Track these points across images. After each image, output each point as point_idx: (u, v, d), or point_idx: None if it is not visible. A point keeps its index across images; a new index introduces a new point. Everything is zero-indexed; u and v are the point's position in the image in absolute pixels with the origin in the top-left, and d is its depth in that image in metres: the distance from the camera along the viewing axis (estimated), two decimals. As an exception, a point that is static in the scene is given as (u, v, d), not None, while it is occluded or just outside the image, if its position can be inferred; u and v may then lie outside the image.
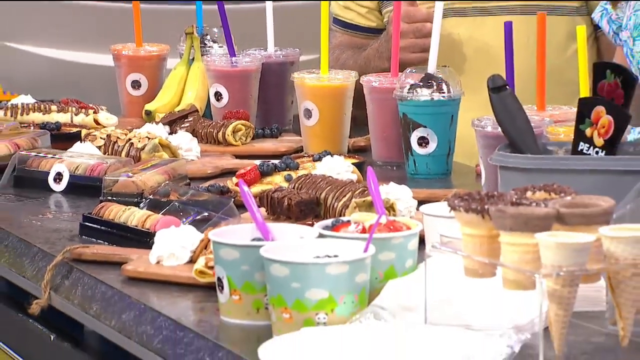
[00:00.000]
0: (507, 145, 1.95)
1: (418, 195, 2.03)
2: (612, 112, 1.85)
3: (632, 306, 1.50)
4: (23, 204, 2.23)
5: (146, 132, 2.44)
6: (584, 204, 1.53)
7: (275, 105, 2.71)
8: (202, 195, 2.06)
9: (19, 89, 2.84)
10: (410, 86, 2.38)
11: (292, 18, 2.76)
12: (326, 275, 1.57)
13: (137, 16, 2.79)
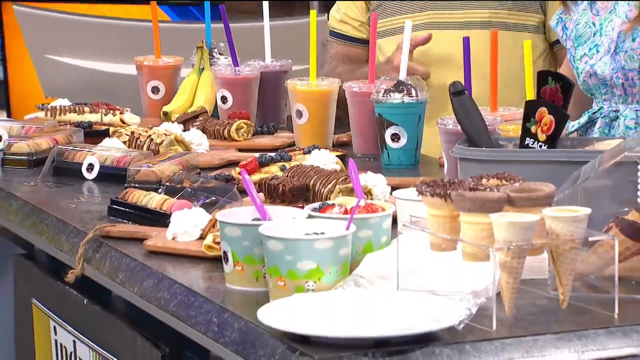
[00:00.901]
0: (465, 141, 1.95)
1: (391, 182, 2.03)
2: (553, 112, 1.86)
3: (570, 274, 1.50)
4: (60, 190, 2.23)
5: (164, 130, 2.43)
6: (530, 189, 1.53)
7: (272, 107, 2.71)
8: (210, 183, 2.06)
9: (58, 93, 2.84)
10: (385, 91, 2.37)
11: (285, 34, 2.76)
12: (314, 249, 1.57)
13: (156, 33, 2.78)
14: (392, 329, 1.42)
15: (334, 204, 1.75)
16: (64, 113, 2.61)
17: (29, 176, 2.32)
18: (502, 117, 2.10)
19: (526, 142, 1.89)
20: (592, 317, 1.51)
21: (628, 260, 1.55)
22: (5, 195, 2.22)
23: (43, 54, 3.14)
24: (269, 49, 2.68)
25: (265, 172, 2.15)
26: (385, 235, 1.71)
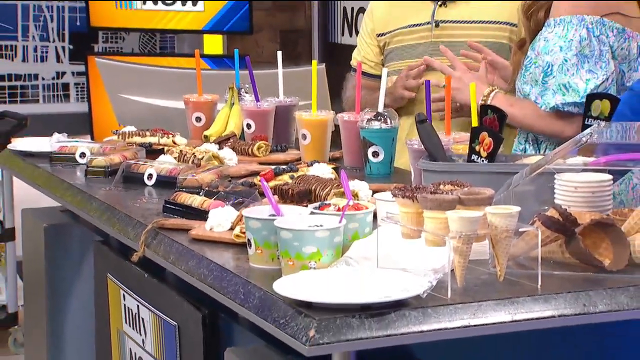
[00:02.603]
0: (427, 156, 1.92)
1: (372, 187, 1.99)
2: (492, 136, 1.83)
3: (505, 256, 1.48)
4: (128, 193, 2.19)
5: (204, 149, 2.40)
6: (476, 193, 1.50)
7: (284, 131, 2.67)
8: (238, 188, 2.02)
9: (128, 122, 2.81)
10: (367, 120, 2.34)
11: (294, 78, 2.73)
12: (315, 237, 1.54)
13: (199, 77, 2.76)
14: (373, 297, 1.40)
15: (330, 204, 1.72)
16: (131, 136, 2.58)
17: (105, 183, 2.28)
18: (454, 139, 2.07)
19: (472, 157, 1.86)
20: (521, 287, 1.48)
21: (547, 245, 1.53)
22: (88, 197, 2.19)
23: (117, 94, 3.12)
24: (281, 89, 2.64)
25: (279, 180, 2.12)
26: (368, 227, 1.68)
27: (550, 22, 2.17)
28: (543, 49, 2.15)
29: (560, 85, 2.12)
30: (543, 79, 2.15)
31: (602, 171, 1.52)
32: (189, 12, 4.65)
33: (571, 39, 2.12)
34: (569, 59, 2.11)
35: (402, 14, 2.74)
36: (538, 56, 2.17)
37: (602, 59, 2.11)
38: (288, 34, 5.24)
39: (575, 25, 2.12)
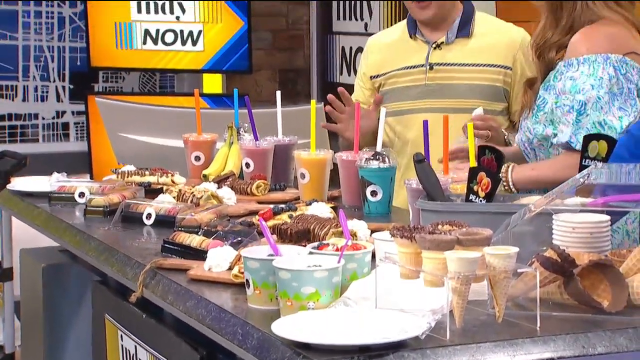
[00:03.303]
0: (425, 196, 1.92)
1: (371, 226, 1.99)
2: (489, 176, 1.83)
3: (504, 297, 1.47)
4: (127, 232, 2.19)
5: (203, 188, 2.40)
6: (474, 233, 1.50)
7: (283, 170, 2.67)
8: (237, 227, 2.02)
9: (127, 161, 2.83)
10: (366, 159, 2.35)
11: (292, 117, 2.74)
12: (314, 278, 1.54)
13: (198, 116, 2.77)
14: (372, 338, 1.39)
15: (329, 244, 1.72)
16: (130, 175, 2.59)
17: (104, 222, 2.28)
18: (452, 179, 2.08)
19: (470, 197, 1.86)
20: (520, 329, 1.47)
21: (546, 286, 1.52)
22: (87, 237, 2.19)
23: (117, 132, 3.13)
24: (280, 128, 2.65)
25: (277, 219, 2.12)
26: (367, 267, 1.68)
27: (572, 61, 2.15)
28: (572, 88, 2.12)
29: (596, 124, 2.09)
30: (577, 117, 2.11)
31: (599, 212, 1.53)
32: (189, 52, 4.68)
33: (601, 77, 2.10)
34: (602, 97, 2.09)
35: (397, 56, 2.76)
36: (563, 96, 2.14)
37: (631, 96, 2.10)
38: (287, 73, 5.27)
39: (602, 63, 2.11)
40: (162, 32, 4.64)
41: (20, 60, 4.97)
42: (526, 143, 2.25)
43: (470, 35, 2.71)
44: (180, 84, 5.17)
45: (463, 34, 2.71)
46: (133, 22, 4.63)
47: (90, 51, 4.64)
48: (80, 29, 5.00)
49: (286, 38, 5.26)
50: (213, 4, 4.64)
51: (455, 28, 2.71)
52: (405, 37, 2.77)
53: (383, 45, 2.81)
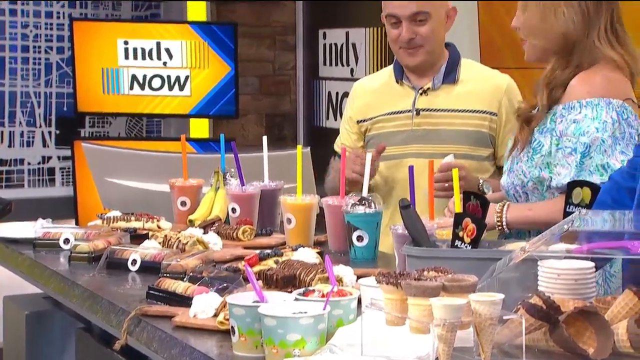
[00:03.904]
0: (411, 242, 1.92)
1: (357, 272, 1.99)
2: (475, 222, 1.83)
3: (490, 344, 1.46)
4: (112, 279, 2.18)
5: (189, 233, 2.40)
6: (459, 280, 1.50)
7: (269, 215, 2.68)
8: (222, 273, 2.02)
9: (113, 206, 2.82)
10: (352, 204, 2.35)
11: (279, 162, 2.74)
12: (299, 324, 1.53)
13: (184, 161, 2.77)
14: (357, 387, 1.38)
15: (315, 290, 1.72)
16: (116, 221, 2.58)
17: (88, 269, 2.27)
18: (438, 225, 2.08)
19: (456, 243, 1.87)
20: (506, 376, 1.47)
21: (532, 333, 1.52)
22: (71, 284, 2.18)
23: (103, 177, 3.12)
24: (267, 173, 2.66)
25: (263, 265, 2.12)
26: (353, 314, 1.68)
27: (573, 104, 2.17)
28: (576, 131, 2.14)
29: (598, 166, 2.11)
30: (580, 159, 2.13)
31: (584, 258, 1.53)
32: (176, 97, 4.70)
33: (605, 120, 2.12)
34: (605, 140, 2.11)
35: (384, 101, 2.78)
36: (564, 138, 2.16)
37: (632, 140, 2.12)
38: (274, 118, 5.30)
39: (604, 107, 2.13)
40: (149, 77, 4.67)
41: (6, 106, 4.98)
42: (518, 186, 2.26)
43: (456, 81, 2.74)
44: (167, 128, 5.19)
45: (449, 80, 2.74)
46: (120, 68, 4.65)
47: (77, 96, 4.66)
48: (67, 75, 5.02)
49: (273, 83, 5.30)
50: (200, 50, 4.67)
51: (441, 74, 2.74)
52: (391, 83, 2.79)
53: (369, 90, 2.83)
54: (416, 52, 2.69)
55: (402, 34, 2.67)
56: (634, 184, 1.82)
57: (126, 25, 4.75)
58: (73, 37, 4.62)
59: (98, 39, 4.64)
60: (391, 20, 2.70)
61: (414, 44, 2.68)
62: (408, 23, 2.66)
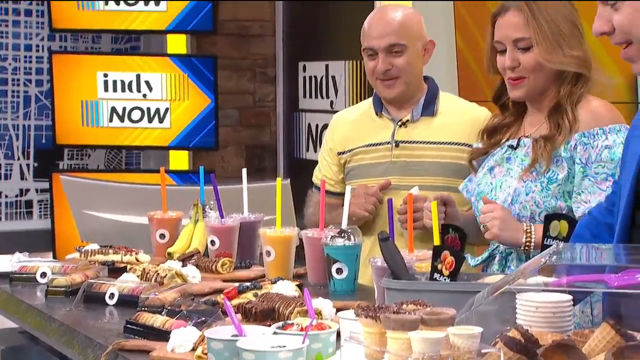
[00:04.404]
0: (390, 274, 1.92)
1: (336, 305, 1.99)
2: (453, 255, 1.84)
3: (469, 377, 1.47)
4: (89, 313, 2.17)
5: (167, 266, 2.39)
6: (438, 313, 1.50)
7: (248, 248, 2.67)
8: (201, 306, 2.01)
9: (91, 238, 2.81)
10: (332, 237, 2.35)
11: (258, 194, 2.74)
12: (278, 358, 1.53)
13: (164, 194, 2.77)
14: (336, 422, 1.38)
15: (293, 323, 1.71)
16: (93, 254, 2.57)
17: (65, 303, 2.25)
18: (417, 257, 2.08)
19: (434, 276, 1.87)
20: (486, 410, 1.46)
21: (511, 366, 1.51)
22: (48, 318, 2.16)
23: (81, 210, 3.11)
24: (246, 206, 2.66)
25: (242, 298, 2.11)
26: (332, 347, 1.67)
27: (596, 131, 2.18)
28: (612, 156, 2.13)
29: None
30: None
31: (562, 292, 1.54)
32: (155, 129, 4.70)
33: None
34: None
35: (363, 133, 2.80)
36: (595, 164, 2.15)
37: None
38: (253, 149, 5.31)
39: (625, 133, 2.12)
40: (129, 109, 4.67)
41: (-16, 139, 4.97)
42: (525, 217, 2.23)
43: (435, 113, 2.76)
44: (147, 160, 5.18)
45: (428, 113, 2.76)
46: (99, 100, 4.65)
47: (55, 129, 4.65)
48: (46, 107, 5.01)
49: (253, 115, 5.31)
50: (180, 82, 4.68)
51: (420, 106, 2.76)
52: (371, 115, 2.81)
53: (349, 122, 2.85)
54: (393, 84, 2.71)
55: (378, 66, 2.70)
56: (612, 221, 1.84)
57: (106, 58, 4.76)
58: (52, 70, 4.63)
59: (77, 72, 4.64)
60: (368, 53, 2.73)
61: (390, 75, 2.71)
62: (384, 55, 2.69)
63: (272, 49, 5.26)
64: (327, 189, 2.79)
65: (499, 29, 2.27)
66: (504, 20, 2.26)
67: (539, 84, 2.27)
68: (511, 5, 2.25)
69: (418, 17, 2.76)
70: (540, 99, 2.30)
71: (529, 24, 2.22)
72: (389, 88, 2.72)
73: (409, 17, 2.73)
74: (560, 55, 2.21)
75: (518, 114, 2.36)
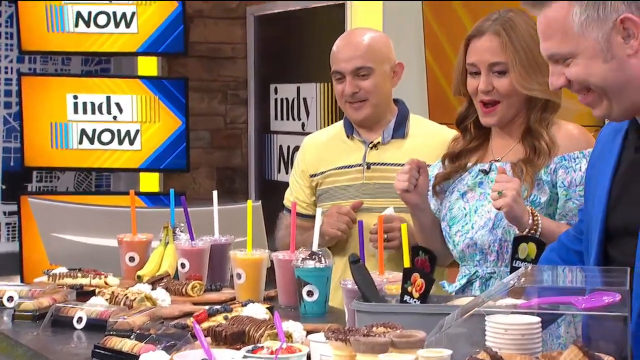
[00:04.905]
0: (360, 297, 1.92)
1: (307, 327, 1.98)
2: (423, 277, 1.84)
3: (439, 400, 1.47)
4: (57, 337, 2.14)
5: (137, 289, 2.37)
6: (408, 335, 1.50)
7: (219, 270, 2.66)
8: (170, 330, 1.99)
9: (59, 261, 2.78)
10: (302, 259, 2.35)
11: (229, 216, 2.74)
12: (247, 383, 1.52)
13: (133, 216, 2.75)
14: None
15: (264, 346, 1.70)
16: (62, 278, 2.54)
17: (33, 327, 2.22)
18: (387, 280, 2.08)
19: (405, 298, 1.87)
20: None
21: (481, 388, 1.52)
22: (14, 343, 2.13)
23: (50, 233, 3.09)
24: (217, 228, 2.65)
25: (212, 321, 2.09)
26: (302, 371, 1.66)
27: (576, 155, 2.20)
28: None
29: None
30: None
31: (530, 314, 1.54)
32: (126, 151, 4.68)
33: None
34: None
35: (334, 156, 2.80)
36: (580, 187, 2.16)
37: None
38: (225, 171, 5.30)
39: None
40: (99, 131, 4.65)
41: (-49, 162, 4.92)
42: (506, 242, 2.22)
43: (405, 136, 2.77)
44: (117, 182, 5.15)
45: (398, 135, 2.77)
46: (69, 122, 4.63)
47: (24, 151, 4.61)
48: (15, 129, 4.97)
49: (224, 137, 5.31)
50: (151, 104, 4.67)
51: (390, 129, 2.77)
52: (342, 137, 2.82)
53: (320, 144, 2.85)
54: (361, 106, 2.73)
55: (345, 89, 2.72)
56: (581, 248, 1.85)
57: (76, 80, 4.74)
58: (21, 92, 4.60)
59: (47, 94, 4.62)
60: (336, 77, 2.75)
61: (357, 98, 2.72)
62: (351, 78, 2.71)
63: (243, 71, 5.27)
64: (299, 211, 2.78)
65: (474, 52, 2.27)
66: (479, 44, 2.26)
67: (511, 110, 2.28)
68: (488, 29, 2.25)
69: (386, 39, 2.78)
70: (509, 124, 2.31)
71: (506, 49, 2.22)
72: (357, 110, 2.74)
73: (377, 40, 2.74)
74: (534, 82, 2.22)
75: (483, 138, 2.37)
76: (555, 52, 1.67)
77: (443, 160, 2.42)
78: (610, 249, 1.73)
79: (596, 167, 1.80)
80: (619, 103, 1.66)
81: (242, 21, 5.24)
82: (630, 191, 1.70)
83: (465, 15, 3.74)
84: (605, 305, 1.48)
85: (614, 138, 1.78)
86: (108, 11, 4.65)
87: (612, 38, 1.62)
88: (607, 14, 1.62)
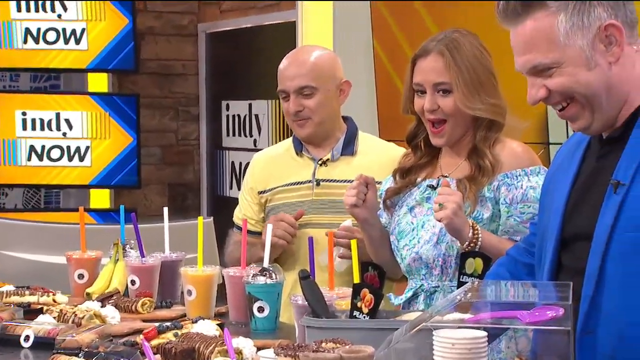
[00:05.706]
0: (310, 312, 1.92)
1: (257, 344, 1.96)
2: (372, 292, 1.85)
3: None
4: (4, 356, 2.10)
5: (86, 307, 2.33)
6: (357, 351, 1.51)
7: (169, 287, 2.63)
8: (119, 347, 1.97)
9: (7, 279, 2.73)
10: (253, 275, 2.34)
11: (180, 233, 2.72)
12: (197, 401, 1.50)
13: (82, 233, 2.72)
14: None
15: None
16: (9, 296, 2.50)
17: (-21, 346, 2.18)
18: (337, 295, 2.08)
19: (354, 314, 1.87)
20: None
21: (430, 403, 1.52)
22: (-42, 364, 2.09)
23: (-4, 250, 3.04)
24: (167, 245, 2.63)
25: (162, 338, 2.07)
26: (251, 387, 1.65)
27: (518, 172, 2.23)
28: (535, 199, 2.16)
29: None
30: None
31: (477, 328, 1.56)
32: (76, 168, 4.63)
33: None
34: None
35: (284, 172, 2.80)
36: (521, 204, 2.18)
37: None
38: (176, 187, 5.26)
39: (543, 174, 2.17)
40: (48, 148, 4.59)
41: None
42: (451, 257, 2.24)
43: (354, 153, 2.78)
44: (67, 199, 5.08)
45: (347, 152, 2.78)
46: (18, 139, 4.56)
47: (-28, 167, 4.54)
48: (-37, 146, 4.89)
49: (176, 153, 5.28)
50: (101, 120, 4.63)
51: (340, 146, 2.78)
52: (291, 154, 2.82)
53: (270, 161, 2.85)
54: (304, 124, 2.74)
55: (289, 107, 2.73)
56: (531, 261, 1.86)
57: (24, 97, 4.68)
58: (-31, 108, 4.53)
59: (-5, 110, 4.55)
60: (282, 95, 2.77)
61: (301, 116, 2.74)
62: (295, 97, 2.73)
63: (195, 88, 5.25)
64: (248, 228, 2.77)
65: (420, 72, 2.30)
66: (425, 64, 2.29)
67: (458, 129, 2.31)
68: (433, 49, 2.28)
69: (333, 58, 2.79)
70: (457, 143, 2.34)
71: (450, 69, 2.25)
72: (301, 128, 2.75)
73: (322, 59, 2.76)
74: (477, 102, 2.25)
75: (432, 154, 2.40)
76: (539, 62, 1.65)
77: (394, 175, 2.44)
78: (563, 255, 1.73)
79: (554, 180, 1.81)
80: (601, 113, 1.65)
81: (193, 38, 5.23)
82: (588, 198, 1.69)
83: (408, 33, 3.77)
84: (549, 320, 1.50)
85: (575, 150, 1.78)
86: (57, 27, 4.61)
87: (596, 45, 1.62)
88: (592, 21, 1.61)
